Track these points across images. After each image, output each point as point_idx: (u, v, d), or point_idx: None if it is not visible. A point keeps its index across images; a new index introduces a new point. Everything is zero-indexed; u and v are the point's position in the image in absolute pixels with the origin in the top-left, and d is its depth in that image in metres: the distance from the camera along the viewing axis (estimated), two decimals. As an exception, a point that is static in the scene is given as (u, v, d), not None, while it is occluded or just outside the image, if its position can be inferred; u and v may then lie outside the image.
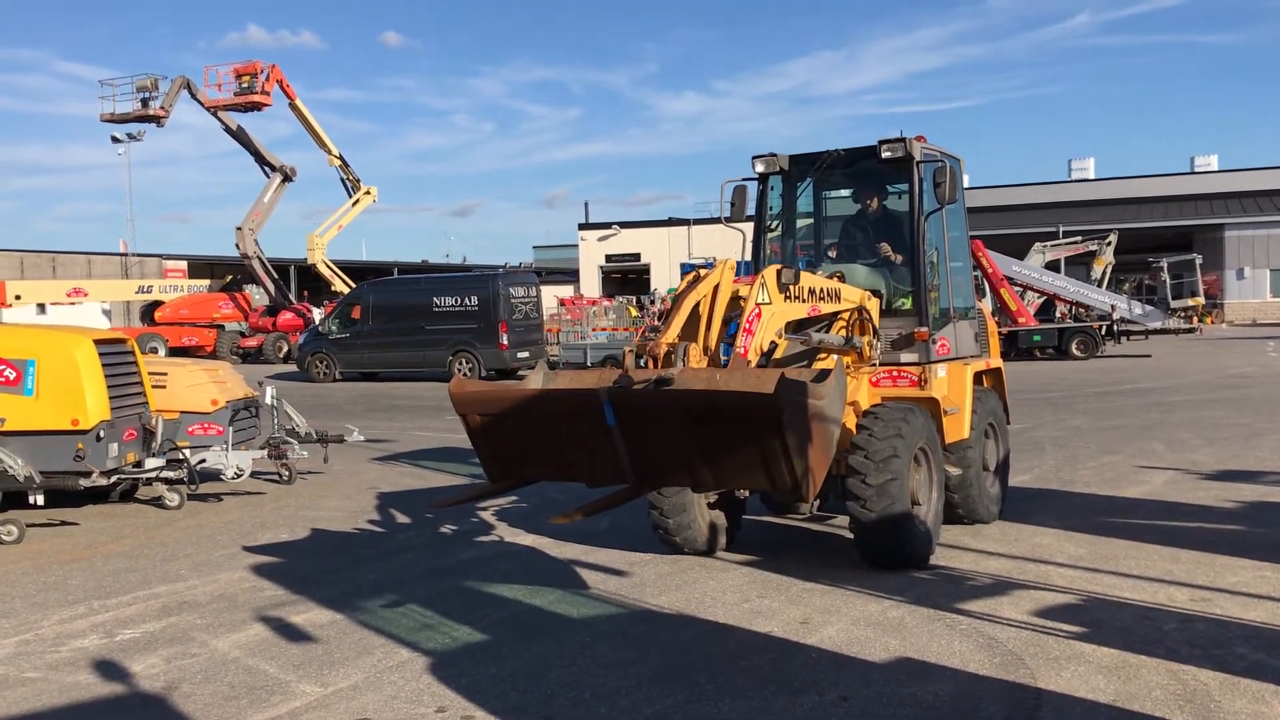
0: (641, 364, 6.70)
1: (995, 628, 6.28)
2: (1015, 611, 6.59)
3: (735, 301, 7.18)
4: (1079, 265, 37.00)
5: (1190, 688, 5.28)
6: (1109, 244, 34.40)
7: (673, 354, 6.62)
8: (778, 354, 7.49)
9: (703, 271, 7.37)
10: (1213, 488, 10.45)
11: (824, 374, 6.24)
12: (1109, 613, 6.53)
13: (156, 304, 38.48)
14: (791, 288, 7.42)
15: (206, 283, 43.83)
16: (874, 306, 8.33)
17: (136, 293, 40.25)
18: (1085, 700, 5.15)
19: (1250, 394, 19.32)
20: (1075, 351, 30.47)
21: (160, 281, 43.76)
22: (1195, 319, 35.17)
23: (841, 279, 8.24)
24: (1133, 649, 5.83)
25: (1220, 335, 40.39)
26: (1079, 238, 36.59)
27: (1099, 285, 33.66)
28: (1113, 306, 31.66)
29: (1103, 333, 30.77)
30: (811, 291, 7.67)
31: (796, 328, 7.73)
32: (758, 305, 7.11)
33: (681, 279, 7.73)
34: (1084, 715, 4.97)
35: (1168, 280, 33.84)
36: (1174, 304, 33.56)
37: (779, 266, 7.47)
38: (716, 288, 7.04)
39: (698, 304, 7.01)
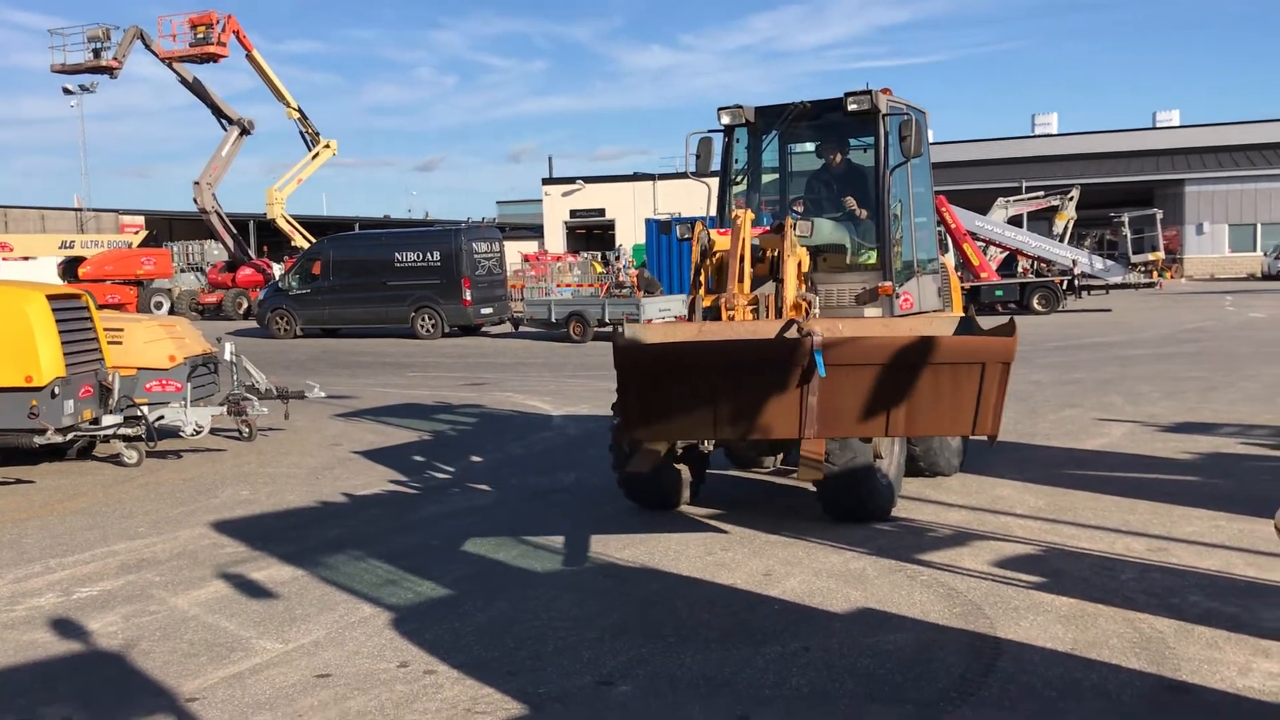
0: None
1: (955, 578, 6.34)
2: (975, 562, 6.65)
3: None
4: (1041, 220, 37.19)
5: (1146, 635, 5.35)
6: (1071, 199, 34.58)
7: (755, 307, 7.33)
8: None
9: (705, 228, 7.88)
10: (1170, 440, 10.58)
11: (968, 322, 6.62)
12: (1067, 563, 6.60)
13: (77, 260, 37.24)
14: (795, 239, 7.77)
15: (129, 238, 42.55)
16: (807, 262, 8.41)
17: (60, 248, 38.97)
18: (1044, 649, 5.21)
19: (1208, 348, 19.56)
20: (1036, 306, 30.70)
21: (82, 236, 42.43)
22: (1155, 274, 35.41)
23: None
24: (1091, 598, 5.91)
25: (1179, 290, 40.82)
26: (1041, 193, 36.74)
27: (1061, 240, 33.86)
28: (1074, 261, 31.89)
29: (1064, 287, 31.00)
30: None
31: None
32: (786, 257, 7.55)
33: (689, 234, 8.07)
34: (1043, 663, 5.03)
35: (1128, 235, 34.03)
36: (1134, 259, 33.78)
37: (792, 219, 7.81)
38: (742, 241, 7.48)
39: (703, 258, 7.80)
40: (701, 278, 7.94)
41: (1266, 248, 48.66)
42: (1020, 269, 32.87)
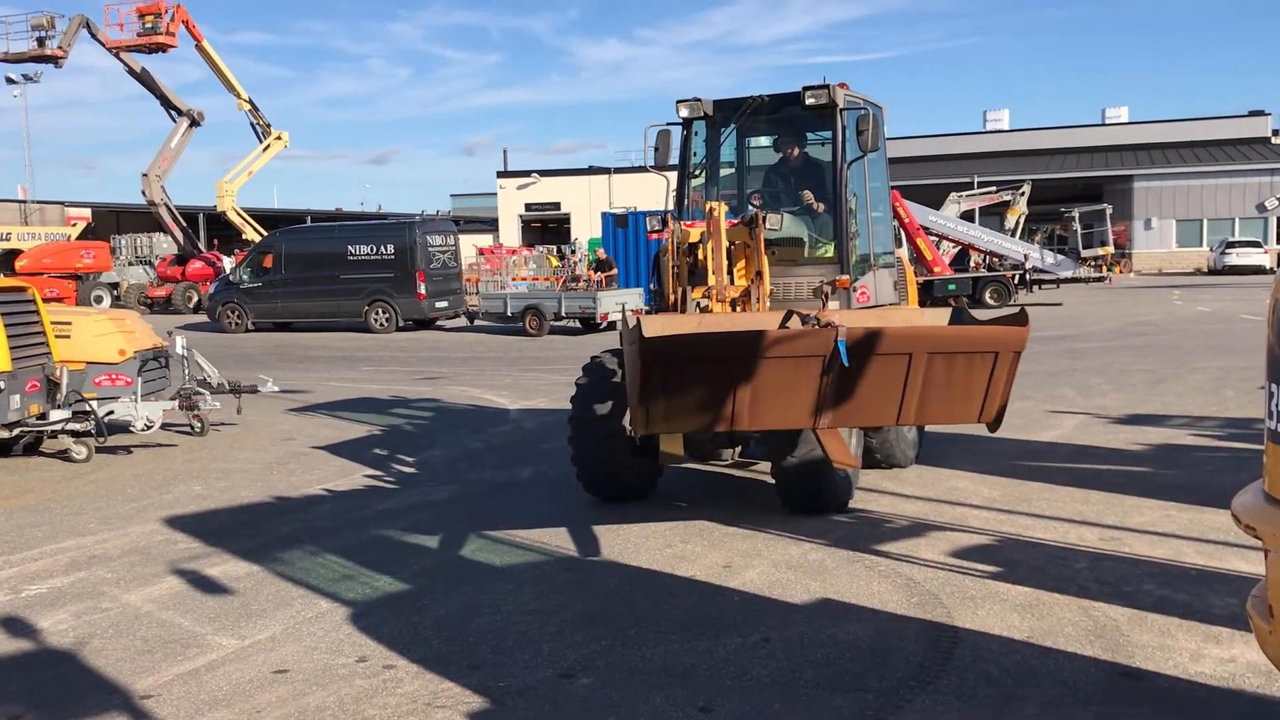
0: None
1: (913, 568, 6.39)
2: (932, 552, 6.71)
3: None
4: (993, 215, 37.57)
5: (1100, 623, 5.42)
6: (1022, 194, 34.97)
7: (744, 298, 7.61)
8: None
9: (679, 223, 7.99)
10: (1121, 431, 10.74)
11: (959, 313, 6.82)
12: (1023, 552, 6.68)
13: (14, 253, 36.22)
14: None
15: (68, 230, 41.60)
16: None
17: None
18: (1000, 637, 5.27)
19: (1157, 341, 19.87)
20: (989, 300, 31.01)
21: (19, 229, 41.47)
22: (1105, 268, 35.97)
23: None
24: (1046, 587, 5.98)
25: (1128, 284, 41.43)
26: (993, 188, 37.11)
27: (1012, 235, 34.23)
28: (1025, 256, 32.25)
29: (1016, 282, 31.35)
30: None
31: None
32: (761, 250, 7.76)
33: (660, 228, 8.18)
34: (999, 651, 5.08)
35: (1079, 230, 34.47)
36: (1084, 253, 34.24)
37: (762, 213, 7.94)
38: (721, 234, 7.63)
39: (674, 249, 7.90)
40: (677, 271, 7.94)
41: (1213, 243, 49.49)
42: (973, 263, 33.21)
